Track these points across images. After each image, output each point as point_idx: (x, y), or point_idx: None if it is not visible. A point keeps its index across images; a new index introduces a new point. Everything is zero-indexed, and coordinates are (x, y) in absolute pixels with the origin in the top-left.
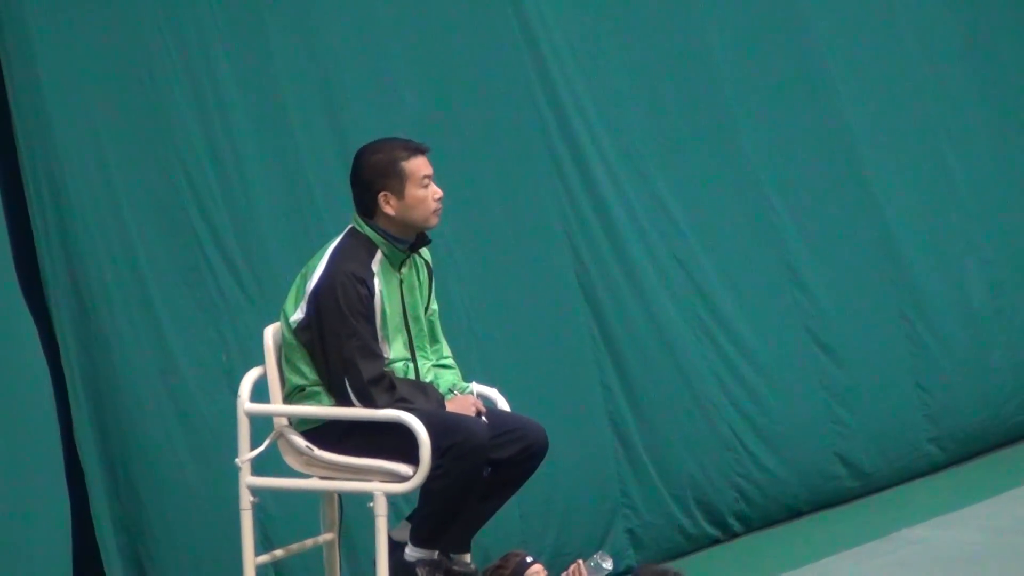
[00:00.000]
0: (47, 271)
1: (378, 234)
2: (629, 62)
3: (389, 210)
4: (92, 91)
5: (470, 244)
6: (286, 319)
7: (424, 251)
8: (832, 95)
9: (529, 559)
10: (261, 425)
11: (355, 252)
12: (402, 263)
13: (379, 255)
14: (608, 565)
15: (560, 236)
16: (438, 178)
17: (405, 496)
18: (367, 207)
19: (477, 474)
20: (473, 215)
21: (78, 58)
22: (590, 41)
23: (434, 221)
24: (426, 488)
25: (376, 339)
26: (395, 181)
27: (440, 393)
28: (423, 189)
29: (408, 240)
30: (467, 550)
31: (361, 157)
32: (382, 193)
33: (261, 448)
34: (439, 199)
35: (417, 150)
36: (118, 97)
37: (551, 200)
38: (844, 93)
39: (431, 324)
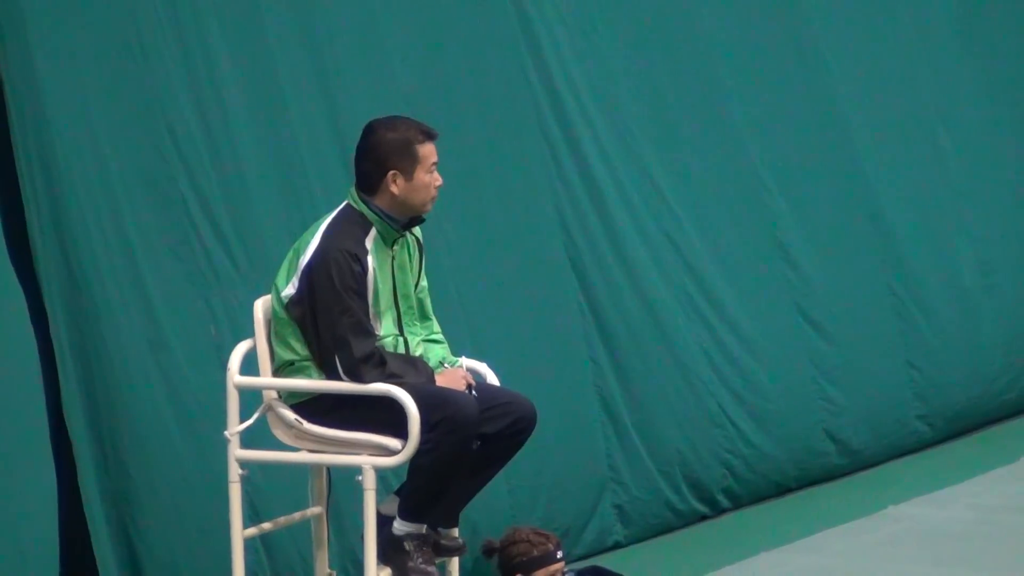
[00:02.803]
0: (37, 243)
1: (374, 212)
2: (621, 40)
3: (395, 189)
4: (83, 63)
5: (461, 219)
6: (277, 294)
7: (416, 228)
8: (824, 73)
9: (559, 555)
10: (250, 398)
11: (349, 228)
12: (395, 241)
13: (373, 232)
14: None
15: (550, 212)
16: None
17: (394, 470)
18: (371, 183)
19: (466, 448)
20: (464, 191)
21: (69, 29)
22: (583, 19)
23: (429, 208)
24: (415, 462)
25: (368, 316)
26: (407, 162)
27: (430, 367)
28: (429, 175)
29: (402, 220)
30: (455, 524)
31: (375, 132)
32: (392, 172)
33: (250, 421)
34: (438, 187)
35: (430, 135)
36: (109, 69)
37: (542, 176)
38: (836, 71)
39: (420, 301)
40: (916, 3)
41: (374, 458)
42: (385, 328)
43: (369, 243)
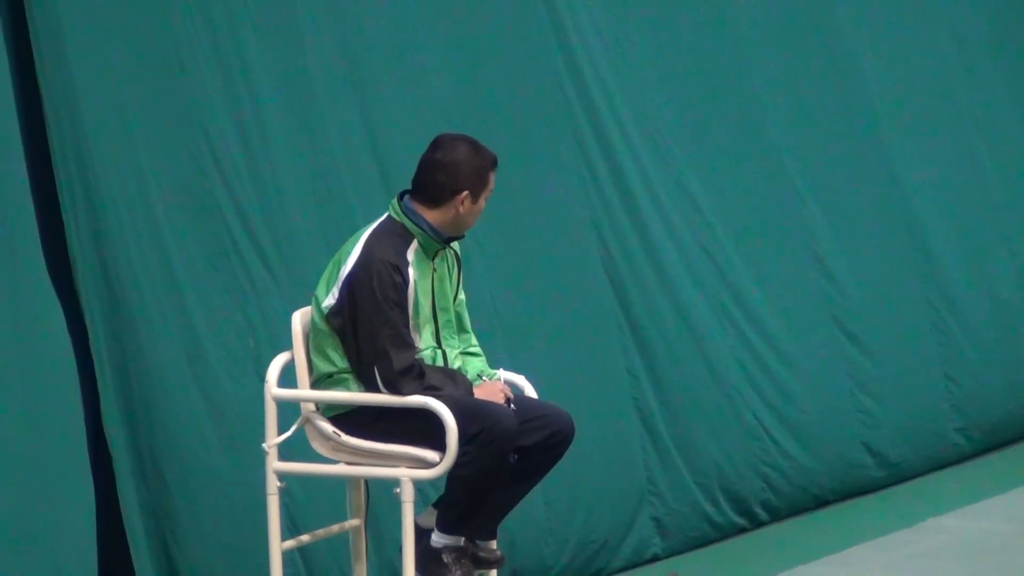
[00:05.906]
0: (76, 255)
1: (416, 225)
2: (656, 49)
3: (461, 210)
4: (121, 76)
5: (497, 232)
6: (317, 304)
7: (455, 243)
8: (861, 84)
9: None
10: (288, 410)
11: (391, 240)
12: (435, 254)
13: (415, 244)
14: None
15: (587, 224)
16: None
17: (432, 482)
18: (438, 196)
19: (504, 461)
20: (500, 203)
21: (107, 43)
22: (617, 27)
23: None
24: (453, 475)
25: (408, 328)
26: (480, 187)
27: (469, 380)
28: (484, 203)
29: (444, 235)
30: (493, 537)
31: (458, 149)
32: (466, 192)
33: (288, 433)
34: None
35: (496, 165)
36: (147, 82)
37: (578, 188)
38: (873, 82)
39: (459, 314)
40: (951, 14)
41: (412, 470)
42: (424, 340)
43: (410, 255)
